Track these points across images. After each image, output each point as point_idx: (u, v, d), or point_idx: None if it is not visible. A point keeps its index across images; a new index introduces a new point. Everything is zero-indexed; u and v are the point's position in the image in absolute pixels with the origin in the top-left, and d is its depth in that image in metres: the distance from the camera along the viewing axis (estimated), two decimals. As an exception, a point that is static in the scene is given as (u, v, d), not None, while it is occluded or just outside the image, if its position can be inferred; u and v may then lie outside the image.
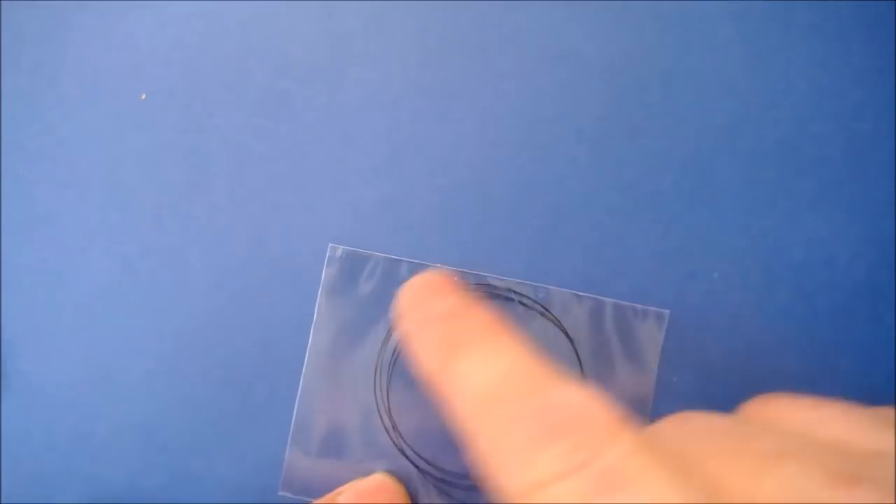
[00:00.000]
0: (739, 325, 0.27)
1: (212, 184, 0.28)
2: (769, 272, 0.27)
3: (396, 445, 0.27)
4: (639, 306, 0.27)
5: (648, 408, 0.27)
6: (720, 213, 0.28)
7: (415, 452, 0.27)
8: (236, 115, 0.28)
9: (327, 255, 0.27)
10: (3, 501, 0.27)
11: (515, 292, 0.27)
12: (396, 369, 0.27)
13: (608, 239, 0.28)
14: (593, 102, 0.28)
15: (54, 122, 0.28)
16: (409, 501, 0.26)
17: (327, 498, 0.25)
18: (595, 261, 0.27)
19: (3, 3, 0.28)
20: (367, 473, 0.27)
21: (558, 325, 0.27)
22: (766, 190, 0.28)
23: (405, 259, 0.27)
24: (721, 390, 0.27)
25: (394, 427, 0.27)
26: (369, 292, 0.27)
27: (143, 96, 0.28)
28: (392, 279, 0.27)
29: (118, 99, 0.28)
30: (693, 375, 0.27)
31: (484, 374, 0.18)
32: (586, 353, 0.27)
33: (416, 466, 0.27)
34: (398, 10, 0.28)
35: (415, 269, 0.27)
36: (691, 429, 0.19)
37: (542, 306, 0.27)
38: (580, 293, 0.27)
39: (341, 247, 0.27)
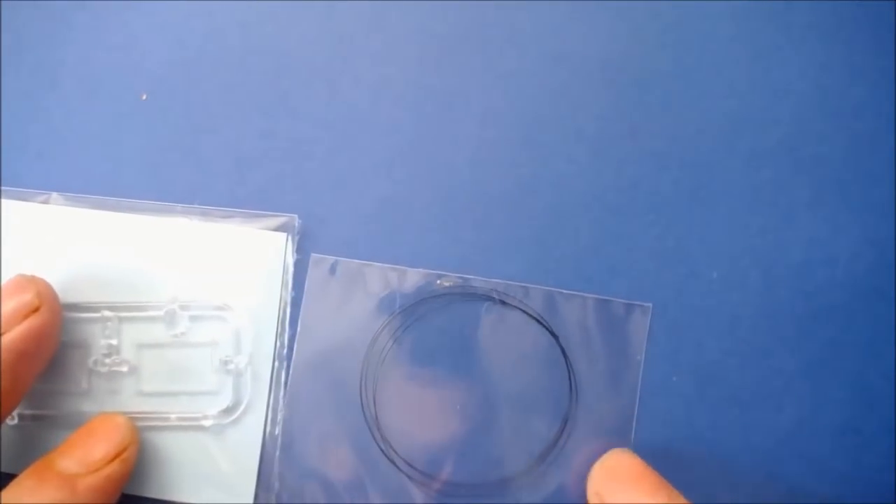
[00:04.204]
0: (739, 324, 0.27)
1: (212, 184, 0.28)
2: (769, 272, 0.27)
3: (385, 453, 0.27)
4: (622, 300, 0.27)
5: (635, 402, 0.27)
6: (720, 212, 0.28)
7: (403, 459, 0.27)
8: (236, 115, 0.28)
9: (310, 263, 0.27)
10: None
11: (498, 292, 0.27)
12: (382, 376, 0.27)
13: (608, 238, 0.28)
14: (593, 102, 0.28)
15: (54, 122, 0.28)
16: (133, 430, 0.25)
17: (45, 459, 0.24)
18: (594, 260, 0.27)
19: (3, 3, 0.28)
20: (357, 480, 0.27)
21: (542, 323, 0.27)
22: (766, 190, 0.28)
23: (390, 265, 0.27)
24: (720, 390, 0.27)
25: (381, 435, 0.27)
26: (354, 299, 0.27)
27: (144, 96, 0.28)
28: (377, 285, 0.27)
29: (118, 99, 0.28)
30: (692, 375, 0.27)
31: None
32: (572, 350, 0.27)
33: (406, 474, 0.27)
34: (398, 10, 0.28)
35: (399, 275, 0.27)
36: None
37: (526, 305, 0.27)
38: (562, 290, 0.27)
39: (324, 256, 0.27)
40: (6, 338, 0.23)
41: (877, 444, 0.27)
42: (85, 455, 0.24)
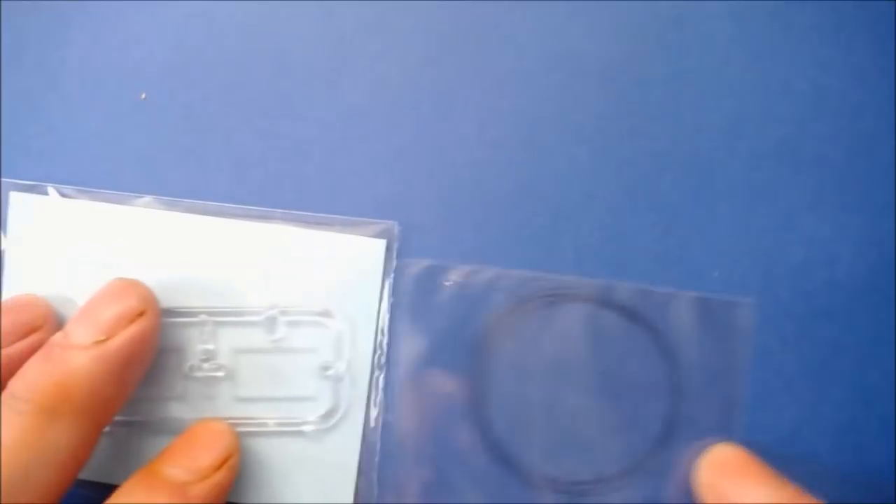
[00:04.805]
0: (739, 325, 0.27)
1: (212, 184, 0.28)
2: (769, 272, 0.27)
3: (494, 454, 0.27)
4: (722, 298, 0.27)
5: (741, 399, 0.27)
6: (720, 213, 0.28)
7: (509, 459, 0.27)
8: (236, 115, 0.28)
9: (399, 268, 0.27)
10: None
11: (596, 292, 0.27)
12: (481, 377, 0.27)
13: (608, 239, 0.28)
14: (593, 102, 0.28)
15: (54, 122, 0.28)
16: (235, 437, 0.25)
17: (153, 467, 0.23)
18: (594, 260, 0.27)
19: (3, 3, 0.28)
20: (457, 479, 0.27)
21: (644, 322, 0.27)
22: (766, 190, 0.28)
23: (485, 267, 0.27)
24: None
25: (486, 435, 0.27)
26: (441, 303, 0.27)
27: (143, 96, 0.28)
28: (468, 288, 0.27)
29: (118, 99, 0.28)
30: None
31: None
32: (674, 349, 0.27)
33: (512, 473, 0.27)
34: (398, 10, 0.28)
35: (495, 276, 0.27)
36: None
37: (627, 304, 0.27)
38: (660, 288, 0.27)
39: (415, 260, 0.27)
40: (112, 343, 0.23)
41: (877, 444, 0.27)
42: (192, 462, 0.24)
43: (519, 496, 0.27)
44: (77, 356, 0.22)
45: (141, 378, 0.25)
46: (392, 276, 0.27)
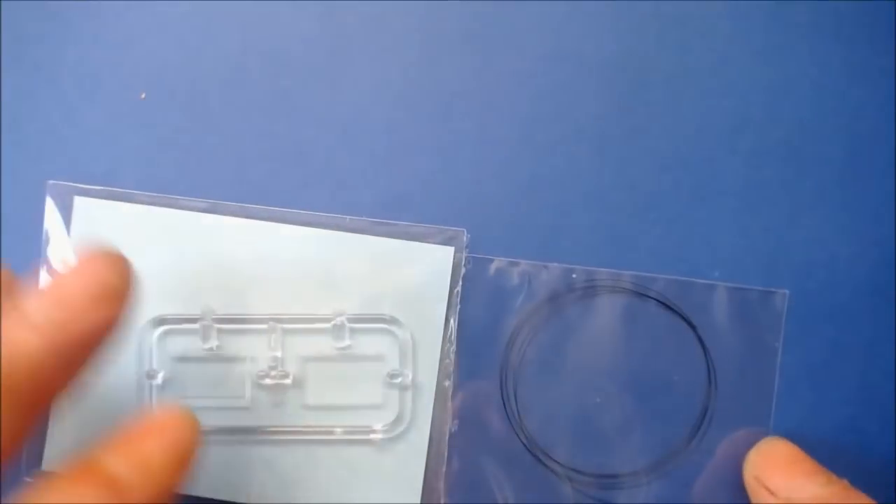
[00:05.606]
0: (739, 324, 0.27)
1: (212, 184, 0.28)
2: (769, 272, 0.27)
3: (528, 448, 0.27)
4: (756, 288, 0.27)
5: (773, 389, 0.27)
6: (720, 212, 0.28)
7: (545, 453, 0.27)
8: (236, 115, 0.28)
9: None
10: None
11: (632, 283, 0.27)
12: (521, 374, 0.27)
13: (608, 238, 0.28)
14: (593, 102, 0.28)
15: (54, 121, 0.28)
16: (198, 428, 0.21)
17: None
18: (594, 260, 0.27)
19: (3, 3, 0.28)
20: (509, 484, 0.27)
21: (679, 312, 0.27)
22: (766, 190, 0.28)
23: (523, 260, 0.27)
24: (723, 389, 0.27)
25: (525, 432, 0.27)
26: (491, 298, 0.27)
27: (143, 95, 0.28)
28: (510, 281, 0.27)
29: (118, 98, 0.28)
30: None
31: None
32: (708, 339, 0.27)
33: (552, 470, 0.27)
34: (398, 10, 0.28)
35: (533, 270, 0.27)
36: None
37: (661, 295, 0.27)
38: (693, 279, 0.27)
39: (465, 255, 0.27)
40: (69, 327, 0.20)
41: (877, 444, 0.27)
42: (140, 458, 0.20)
43: (551, 489, 0.27)
44: (25, 334, 0.19)
45: (94, 367, 0.21)
46: (460, 283, 0.27)
